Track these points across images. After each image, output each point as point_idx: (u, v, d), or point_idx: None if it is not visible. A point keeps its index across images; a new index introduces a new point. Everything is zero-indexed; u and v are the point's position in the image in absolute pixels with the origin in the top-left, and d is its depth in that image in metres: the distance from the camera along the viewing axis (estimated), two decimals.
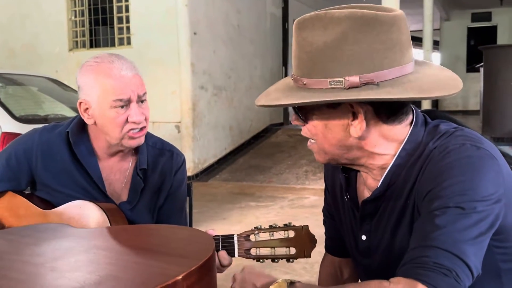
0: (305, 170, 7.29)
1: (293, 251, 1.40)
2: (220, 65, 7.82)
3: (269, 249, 1.40)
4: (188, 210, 1.80)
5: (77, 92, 1.53)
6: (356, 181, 1.20)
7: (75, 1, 7.89)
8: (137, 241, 1.11)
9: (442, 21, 13.69)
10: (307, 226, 1.40)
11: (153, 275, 0.84)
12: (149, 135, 1.59)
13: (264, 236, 1.40)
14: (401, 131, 1.07)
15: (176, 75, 7.14)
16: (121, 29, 7.61)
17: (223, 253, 1.41)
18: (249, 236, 1.41)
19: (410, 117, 1.08)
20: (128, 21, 7.49)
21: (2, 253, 1.02)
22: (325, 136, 1.06)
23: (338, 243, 1.34)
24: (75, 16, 7.92)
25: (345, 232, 1.25)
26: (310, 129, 1.08)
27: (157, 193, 1.61)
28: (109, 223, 1.43)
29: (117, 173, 1.58)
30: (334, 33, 0.97)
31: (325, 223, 1.39)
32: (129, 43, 7.49)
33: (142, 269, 0.90)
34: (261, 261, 1.41)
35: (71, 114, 4.62)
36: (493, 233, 0.97)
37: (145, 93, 1.50)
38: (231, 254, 1.42)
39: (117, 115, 1.45)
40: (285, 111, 10.15)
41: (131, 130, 1.47)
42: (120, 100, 1.44)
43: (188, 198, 1.81)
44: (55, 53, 7.84)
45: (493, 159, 0.99)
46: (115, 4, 7.59)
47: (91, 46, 7.88)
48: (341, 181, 1.21)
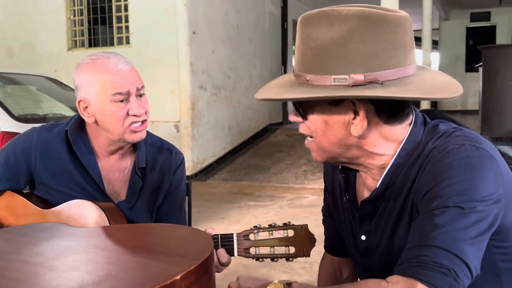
0: (304, 169, 7.29)
1: (292, 250, 1.39)
2: (219, 64, 7.81)
3: (268, 248, 1.40)
4: (187, 209, 1.80)
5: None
6: (355, 181, 1.20)
7: (74, 0, 7.89)
8: (136, 240, 1.11)
9: (441, 21, 13.69)
10: (306, 225, 1.40)
11: (151, 275, 0.84)
12: (148, 134, 1.59)
13: (263, 235, 1.40)
14: (401, 131, 1.07)
15: (175, 74, 7.14)
16: (120, 28, 7.61)
17: (221, 251, 1.41)
18: (248, 235, 1.41)
19: (410, 118, 1.08)
20: (127, 21, 7.48)
21: (0, 253, 1.01)
22: (325, 133, 1.05)
23: (337, 242, 1.34)
24: (74, 15, 7.92)
25: (345, 232, 1.25)
26: (309, 126, 1.07)
27: (156, 192, 1.61)
28: (108, 223, 1.43)
29: (116, 172, 1.58)
30: (340, 30, 0.97)
31: (325, 222, 1.39)
32: (128, 42, 7.49)
33: (140, 268, 0.90)
34: (260, 260, 1.40)
35: (70, 113, 4.62)
36: (493, 233, 0.97)
37: (143, 87, 1.50)
38: (231, 253, 1.42)
39: (118, 109, 1.45)
40: (284, 111, 10.15)
41: (133, 123, 1.47)
42: (119, 93, 1.44)
43: (187, 197, 1.81)
44: (54, 52, 7.83)
45: (493, 159, 0.99)
46: (114, 3, 7.58)
47: (90, 45, 7.87)
48: (340, 181, 1.21)
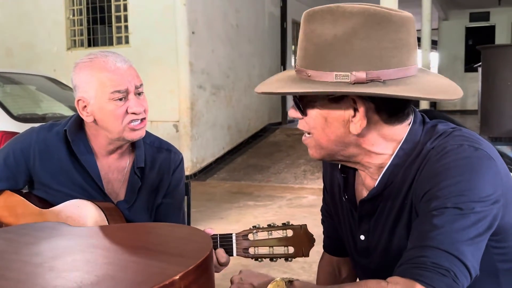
0: (303, 169, 7.29)
1: (291, 250, 1.40)
2: (218, 64, 7.81)
3: (267, 248, 1.40)
4: (186, 209, 1.80)
5: None
6: (354, 181, 1.20)
7: None
8: (135, 240, 1.11)
9: (440, 21, 13.70)
10: (305, 225, 1.40)
11: (150, 275, 0.84)
12: (147, 134, 1.59)
13: (262, 235, 1.40)
14: (400, 131, 1.07)
15: (174, 74, 7.14)
16: (119, 28, 7.60)
17: (220, 251, 1.41)
18: (247, 235, 1.41)
19: (410, 118, 1.08)
20: (126, 20, 7.48)
21: (0, 253, 1.01)
22: (324, 130, 1.05)
23: (336, 242, 1.34)
24: (73, 15, 7.92)
25: (344, 231, 1.25)
26: (308, 122, 1.07)
27: (155, 192, 1.61)
28: (107, 222, 1.43)
29: (115, 172, 1.58)
30: (344, 27, 0.96)
31: (324, 222, 1.39)
32: (127, 42, 7.49)
33: (139, 268, 0.90)
34: (259, 260, 1.41)
35: (69, 113, 4.61)
36: (491, 233, 0.97)
37: (141, 85, 1.50)
38: (230, 253, 1.42)
39: (117, 107, 1.45)
40: (283, 111, 10.15)
41: (132, 122, 1.47)
42: (118, 91, 1.44)
43: (186, 197, 1.80)
44: (53, 52, 7.83)
45: (491, 160, 0.99)
46: (113, 3, 7.58)
47: (89, 45, 7.87)
48: (339, 181, 1.21)
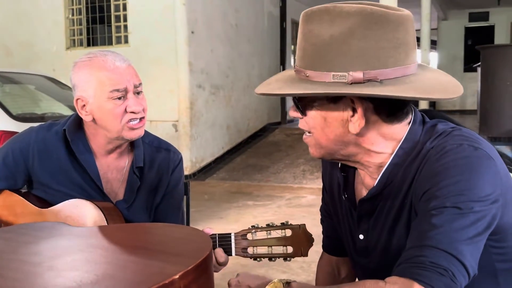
0: (302, 169, 7.29)
1: (290, 250, 1.40)
2: (217, 64, 7.81)
3: (266, 247, 1.40)
4: (185, 209, 1.80)
5: None
6: (354, 180, 1.20)
7: None
8: (134, 239, 1.11)
9: (439, 21, 13.70)
10: (304, 225, 1.40)
11: (150, 274, 0.84)
12: (146, 134, 1.59)
13: (261, 235, 1.40)
14: (400, 130, 1.07)
15: (173, 73, 7.13)
16: (118, 27, 7.60)
17: (219, 251, 1.41)
18: (246, 234, 1.41)
19: (409, 117, 1.08)
20: (125, 20, 7.48)
21: None
22: (323, 130, 1.05)
23: (335, 242, 1.34)
24: (73, 14, 7.91)
25: (343, 231, 1.25)
26: (308, 122, 1.07)
27: (154, 191, 1.61)
28: (106, 222, 1.43)
29: (114, 171, 1.58)
30: (341, 27, 0.96)
31: (323, 222, 1.39)
32: (126, 41, 7.49)
33: (139, 268, 0.90)
34: (258, 259, 1.41)
35: (68, 112, 4.61)
36: (490, 233, 0.97)
37: (140, 84, 1.50)
38: (228, 252, 1.42)
39: (115, 106, 1.45)
40: (283, 111, 10.15)
41: (130, 121, 1.47)
42: (117, 90, 1.44)
43: (185, 197, 1.80)
44: (52, 51, 7.82)
45: (491, 160, 0.99)
46: (113, 2, 7.58)
47: (89, 44, 7.87)
48: (339, 180, 1.21)
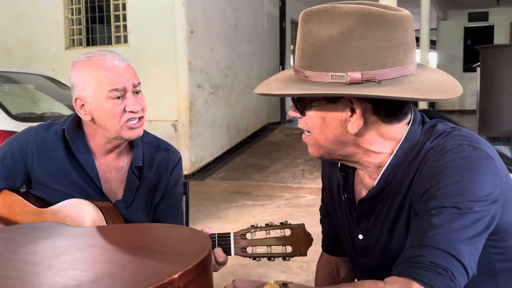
0: (301, 169, 7.29)
1: (289, 249, 1.40)
2: (217, 63, 7.81)
3: (265, 247, 1.40)
4: (184, 208, 1.80)
5: None
6: (353, 180, 1.20)
7: None
8: (134, 239, 1.11)
9: (439, 21, 13.70)
10: (303, 224, 1.40)
11: (149, 274, 0.84)
12: (145, 133, 1.59)
13: (260, 234, 1.40)
14: (399, 130, 1.07)
15: (173, 73, 7.13)
16: (118, 27, 7.60)
17: (218, 250, 1.41)
18: (245, 234, 1.41)
19: (409, 117, 1.08)
20: (125, 19, 7.47)
21: None
22: (322, 130, 1.06)
23: (335, 242, 1.34)
24: (72, 14, 7.91)
25: (342, 231, 1.25)
26: (307, 122, 1.07)
27: (153, 191, 1.61)
28: (105, 222, 1.43)
29: (113, 171, 1.58)
30: (340, 28, 0.96)
31: (322, 222, 1.39)
32: (126, 41, 7.48)
33: (138, 267, 0.90)
34: (257, 259, 1.41)
35: (68, 112, 4.61)
36: (490, 233, 0.97)
37: (139, 83, 1.50)
38: (228, 252, 1.42)
39: (114, 106, 1.45)
40: (282, 110, 10.15)
41: (129, 120, 1.47)
42: (116, 89, 1.44)
43: (184, 196, 1.80)
44: (51, 51, 7.82)
45: (490, 160, 0.99)
46: (112, 2, 7.57)
47: (88, 44, 7.86)
48: (338, 180, 1.21)
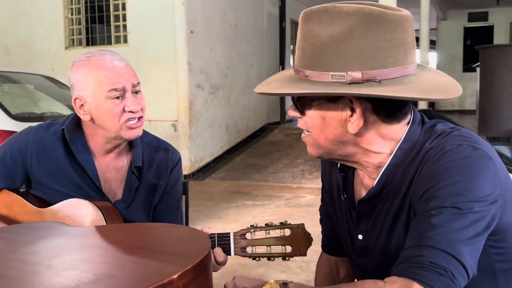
0: (301, 169, 7.29)
1: (289, 249, 1.40)
2: (217, 63, 7.81)
3: (265, 247, 1.40)
4: (184, 208, 1.80)
5: None
6: (353, 181, 1.20)
7: None
8: (133, 239, 1.11)
9: (438, 21, 13.70)
10: (303, 224, 1.40)
11: (148, 274, 0.84)
12: (144, 133, 1.59)
13: (260, 234, 1.40)
14: (399, 130, 1.07)
15: (172, 73, 7.13)
16: (117, 27, 7.60)
17: (218, 250, 1.41)
18: (245, 234, 1.41)
19: (408, 117, 1.08)
20: (124, 19, 7.47)
21: None
22: (322, 129, 1.06)
23: (334, 242, 1.34)
24: (72, 14, 7.90)
25: (342, 231, 1.25)
26: (306, 122, 1.07)
27: (152, 191, 1.61)
28: (104, 222, 1.43)
29: (112, 171, 1.58)
30: (340, 27, 0.96)
31: (322, 222, 1.39)
32: (125, 41, 7.48)
33: (137, 267, 0.90)
34: (257, 259, 1.40)
35: (67, 112, 4.61)
36: (489, 233, 0.97)
37: (138, 83, 1.50)
38: (227, 252, 1.42)
39: (114, 106, 1.45)
40: (282, 110, 10.15)
41: (129, 120, 1.47)
42: (115, 89, 1.44)
43: (184, 196, 1.80)
44: (51, 51, 7.82)
45: (490, 160, 0.99)
46: (112, 2, 7.57)
47: (88, 44, 7.86)
48: (338, 180, 1.21)
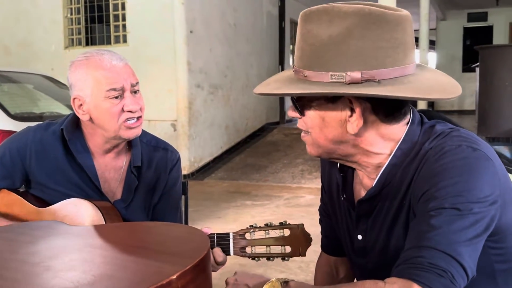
0: (301, 169, 7.29)
1: (288, 249, 1.40)
2: (216, 63, 7.81)
3: (264, 247, 1.40)
4: (183, 208, 1.80)
5: None
6: (352, 181, 1.20)
7: None
8: (132, 239, 1.11)
9: (438, 21, 13.71)
10: (303, 224, 1.40)
11: (148, 274, 0.83)
12: (143, 133, 1.59)
13: (259, 234, 1.40)
14: (398, 130, 1.06)
15: (172, 73, 7.13)
16: (117, 27, 7.59)
17: (217, 250, 1.41)
18: (244, 234, 1.41)
19: (408, 117, 1.08)
20: (124, 19, 7.47)
21: None
22: (321, 130, 1.06)
23: (334, 242, 1.34)
24: (71, 13, 7.90)
25: (341, 231, 1.25)
26: (306, 122, 1.07)
27: (151, 191, 1.61)
28: (104, 222, 1.43)
29: (111, 171, 1.58)
30: (339, 27, 0.96)
31: (321, 222, 1.39)
32: (125, 41, 7.48)
33: (137, 268, 0.89)
34: (256, 259, 1.41)
35: (67, 112, 4.60)
36: (489, 234, 0.97)
37: (137, 83, 1.50)
38: (227, 252, 1.42)
39: (112, 105, 1.45)
40: (281, 110, 10.14)
41: (128, 120, 1.47)
42: (114, 89, 1.44)
43: (184, 196, 1.80)
44: (50, 50, 7.81)
45: (489, 161, 0.99)
46: (111, 1, 7.57)
47: (87, 44, 7.86)
48: (337, 180, 1.21)
